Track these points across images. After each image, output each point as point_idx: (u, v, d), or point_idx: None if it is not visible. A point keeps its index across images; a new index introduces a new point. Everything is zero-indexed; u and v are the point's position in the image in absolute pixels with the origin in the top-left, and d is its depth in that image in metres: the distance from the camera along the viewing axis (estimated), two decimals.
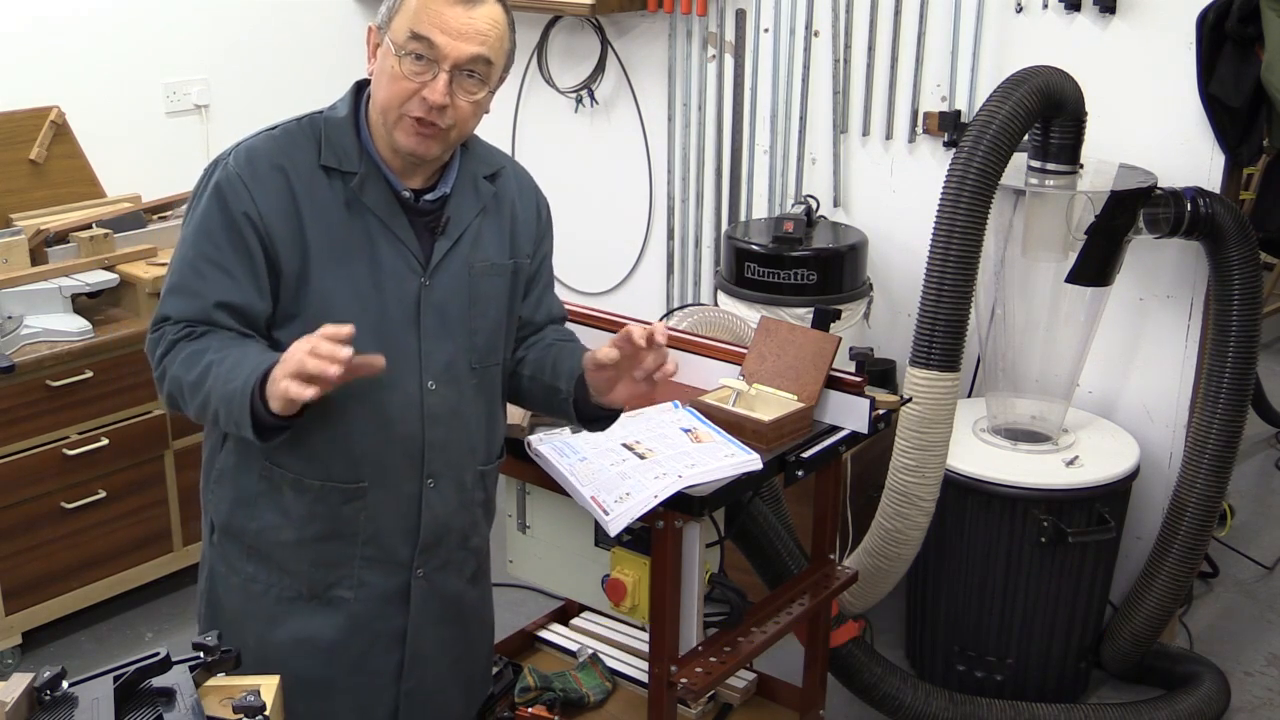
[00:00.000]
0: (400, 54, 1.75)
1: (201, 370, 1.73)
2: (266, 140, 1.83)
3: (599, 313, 2.62)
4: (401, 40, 1.75)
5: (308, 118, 1.86)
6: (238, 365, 1.70)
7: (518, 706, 2.60)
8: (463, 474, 1.97)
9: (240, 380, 1.68)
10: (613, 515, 1.96)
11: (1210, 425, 2.95)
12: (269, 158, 1.80)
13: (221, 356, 1.73)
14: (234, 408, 1.68)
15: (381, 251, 1.83)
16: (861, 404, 2.27)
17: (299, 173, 1.80)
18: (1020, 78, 2.72)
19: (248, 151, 1.81)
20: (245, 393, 1.67)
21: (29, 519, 3.13)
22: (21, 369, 3.02)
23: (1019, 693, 3.06)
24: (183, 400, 1.79)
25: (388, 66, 1.77)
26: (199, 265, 1.78)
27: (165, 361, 1.79)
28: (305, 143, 1.83)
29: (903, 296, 3.51)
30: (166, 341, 1.79)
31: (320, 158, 1.81)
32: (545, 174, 4.23)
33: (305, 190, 1.80)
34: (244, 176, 1.78)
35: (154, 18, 3.79)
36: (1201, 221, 2.88)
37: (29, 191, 3.42)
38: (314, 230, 1.80)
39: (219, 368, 1.71)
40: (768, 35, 3.61)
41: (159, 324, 1.81)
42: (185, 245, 1.81)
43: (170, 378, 1.78)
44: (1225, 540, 3.75)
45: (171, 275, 1.82)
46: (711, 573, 2.32)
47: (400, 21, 1.76)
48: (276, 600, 1.92)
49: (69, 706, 1.41)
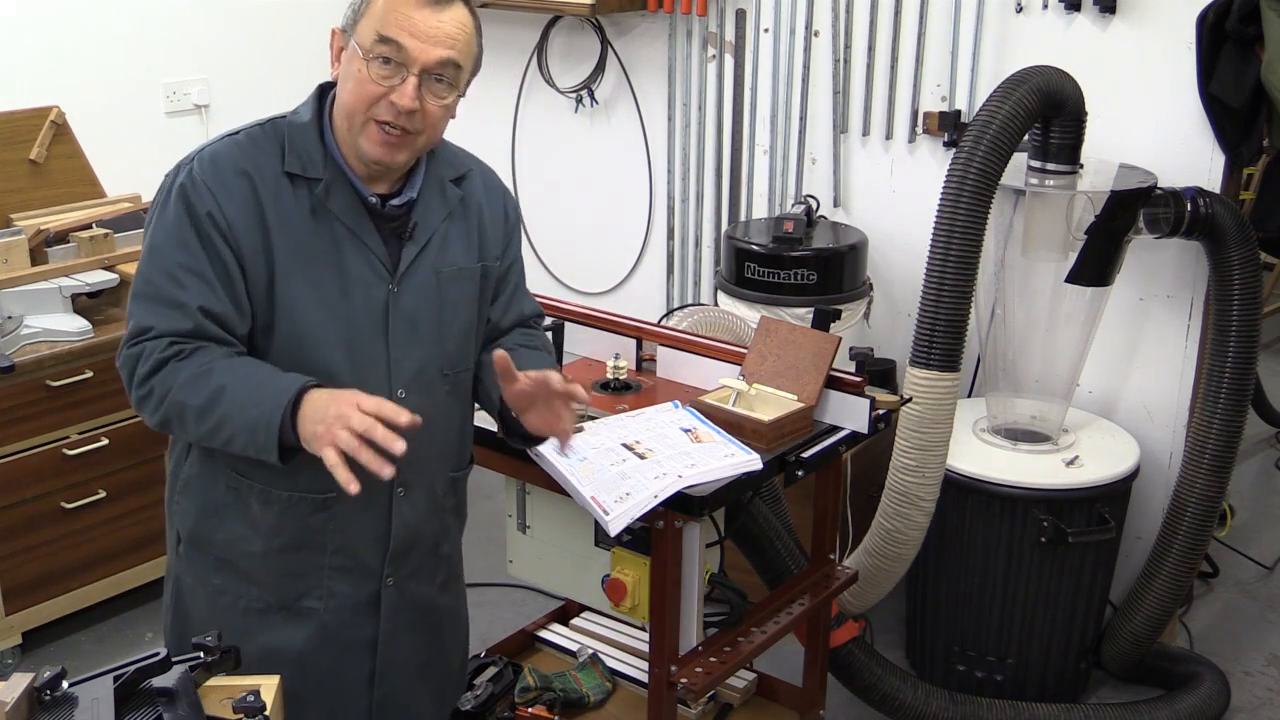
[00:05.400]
0: (368, 57, 1.72)
1: (211, 394, 1.70)
2: (230, 146, 1.79)
3: (599, 313, 2.62)
4: (369, 44, 1.72)
5: (270, 122, 1.83)
6: (256, 390, 1.69)
7: (518, 706, 2.60)
8: (434, 481, 1.96)
9: (266, 409, 1.67)
10: (613, 515, 1.96)
11: (1210, 425, 2.95)
12: (233, 163, 1.77)
13: (232, 380, 1.70)
14: (259, 436, 1.68)
15: (348, 258, 1.81)
16: (861, 404, 2.27)
17: (264, 179, 1.77)
18: (1020, 78, 2.72)
19: (212, 156, 1.78)
20: (273, 424, 1.67)
21: (29, 519, 3.13)
22: (21, 369, 3.02)
23: (1019, 693, 3.06)
24: (181, 423, 1.74)
25: (354, 70, 1.74)
26: (176, 274, 1.74)
27: (153, 382, 1.73)
28: (269, 148, 1.79)
29: (903, 296, 3.51)
30: (153, 359, 1.73)
31: (284, 164, 1.78)
32: (545, 174, 4.27)
33: (270, 197, 1.77)
34: (209, 182, 1.75)
35: (154, 18, 3.79)
36: (1201, 221, 2.88)
37: (29, 191, 3.41)
38: (280, 238, 1.77)
39: (233, 393, 1.69)
40: (768, 35, 3.61)
41: (137, 338, 1.74)
42: (156, 254, 1.76)
43: (169, 401, 1.72)
44: (1225, 540, 3.75)
45: (144, 285, 1.76)
46: (711, 573, 2.32)
47: (367, 25, 1.73)
48: (245, 611, 1.90)
49: (69, 706, 1.41)
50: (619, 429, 2.16)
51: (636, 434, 2.14)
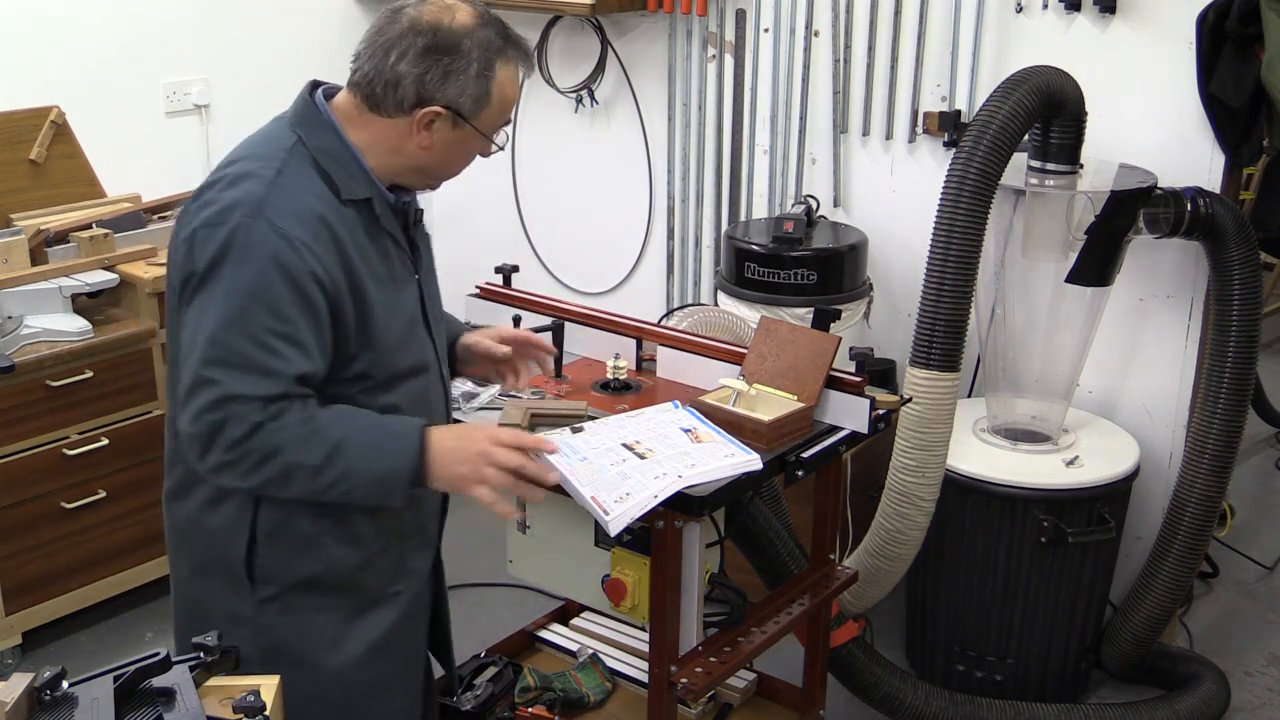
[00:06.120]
0: (492, 140, 1.84)
1: (328, 452, 1.70)
2: (283, 192, 1.73)
3: (599, 313, 2.62)
4: (495, 128, 1.84)
5: (284, 152, 1.78)
6: (374, 441, 1.73)
7: (518, 706, 2.60)
8: None
9: (393, 459, 1.73)
10: (613, 515, 1.96)
11: (1210, 425, 2.95)
12: (310, 211, 1.73)
13: (345, 435, 1.71)
14: (384, 487, 1.75)
15: (394, 264, 1.86)
16: (861, 404, 2.27)
17: (334, 216, 1.76)
18: (1020, 78, 2.72)
19: (291, 210, 1.72)
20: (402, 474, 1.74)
21: (29, 519, 3.13)
22: (21, 369, 3.02)
23: (1019, 693, 3.06)
24: (286, 483, 1.71)
25: (466, 149, 1.84)
26: (268, 341, 1.68)
27: (249, 446, 1.67)
28: (313, 181, 1.77)
29: (903, 296, 3.51)
30: (246, 424, 1.67)
31: (340, 193, 1.78)
32: (545, 174, 4.27)
33: (345, 233, 1.77)
34: (304, 238, 1.70)
35: (154, 18, 3.79)
36: (1201, 221, 2.88)
37: (29, 191, 3.41)
38: (360, 269, 1.78)
39: (351, 448, 1.71)
40: (768, 35, 3.61)
41: (221, 403, 1.67)
42: (241, 319, 1.67)
43: (277, 463, 1.69)
44: (1225, 540, 3.76)
45: (226, 352, 1.67)
46: (711, 573, 2.32)
47: (494, 114, 1.82)
48: (339, 623, 1.91)
49: (69, 706, 1.41)
50: (619, 429, 2.16)
51: (636, 434, 2.14)
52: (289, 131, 1.81)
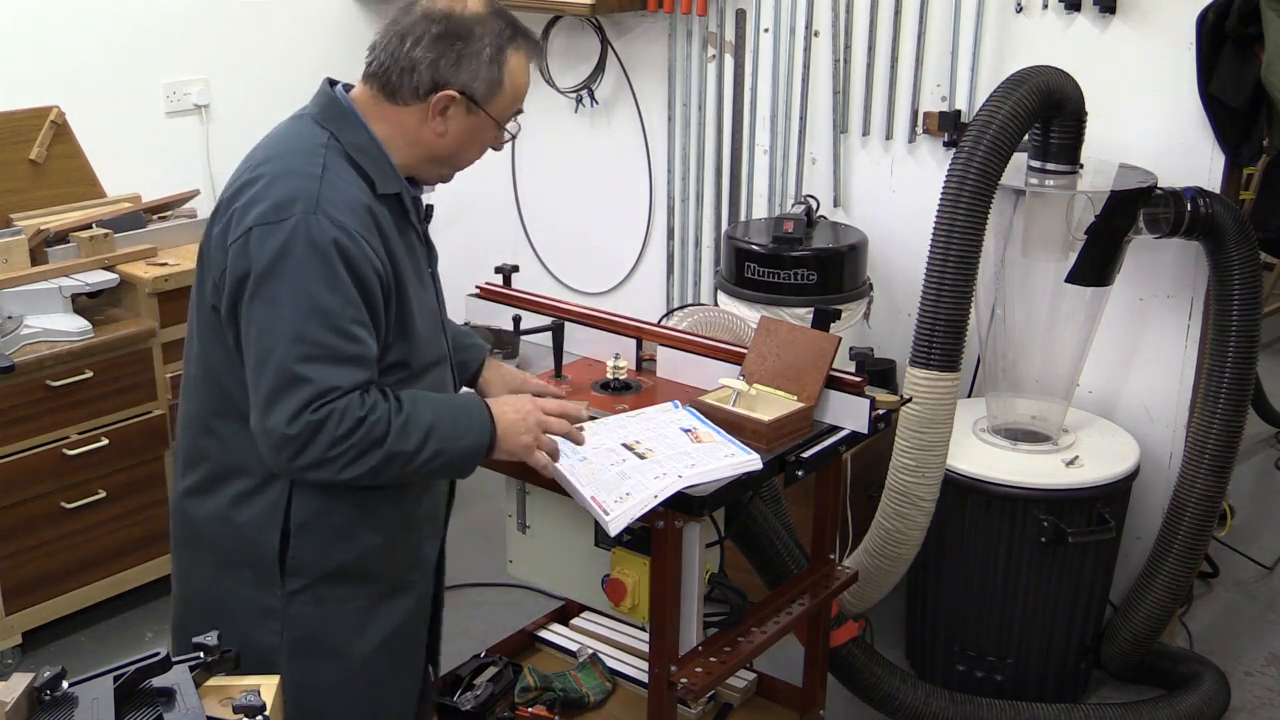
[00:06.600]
0: (505, 127, 1.89)
1: (422, 437, 1.77)
2: (332, 186, 1.75)
3: (599, 313, 2.62)
4: (507, 115, 1.88)
5: (321, 148, 1.79)
6: (455, 421, 1.83)
7: (518, 706, 2.60)
8: None
9: (475, 436, 1.84)
10: (613, 515, 1.96)
11: (1210, 425, 2.95)
12: (361, 205, 1.77)
13: (431, 418, 1.79)
14: (469, 462, 1.86)
15: (418, 257, 1.91)
16: (861, 404, 2.27)
17: (376, 209, 1.80)
18: (1020, 78, 2.72)
19: (346, 204, 1.75)
20: (481, 448, 1.85)
21: (29, 519, 3.13)
22: (21, 369, 3.02)
23: (1019, 693, 3.06)
24: (384, 471, 1.75)
25: (480, 136, 1.88)
26: (350, 329, 1.72)
27: (354, 440, 1.70)
28: (353, 176, 1.80)
29: (903, 296, 3.51)
30: (349, 419, 1.69)
31: (376, 187, 1.81)
32: (545, 174, 4.27)
33: (387, 225, 1.82)
34: (359, 230, 1.74)
35: (154, 18, 3.79)
36: (1201, 221, 2.88)
37: (29, 191, 3.42)
38: (398, 261, 1.83)
39: (440, 430, 1.80)
40: (768, 35, 3.61)
41: (322, 400, 1.69)
42: (322, 313, 1.69)
43: (382, 454, 1.73)
44: (1225, 540, 3.75)
45: (314, 348, 1.69)
46: (711, 573, 2.32)
47: (506, 102, 1.86)
48: (360, 610, 1.93)
49: (69, 706, 1.41)
50: (619, 429, 2.16)
51: (636, 434, 2.14)
52: (318, 128, 1.82)
